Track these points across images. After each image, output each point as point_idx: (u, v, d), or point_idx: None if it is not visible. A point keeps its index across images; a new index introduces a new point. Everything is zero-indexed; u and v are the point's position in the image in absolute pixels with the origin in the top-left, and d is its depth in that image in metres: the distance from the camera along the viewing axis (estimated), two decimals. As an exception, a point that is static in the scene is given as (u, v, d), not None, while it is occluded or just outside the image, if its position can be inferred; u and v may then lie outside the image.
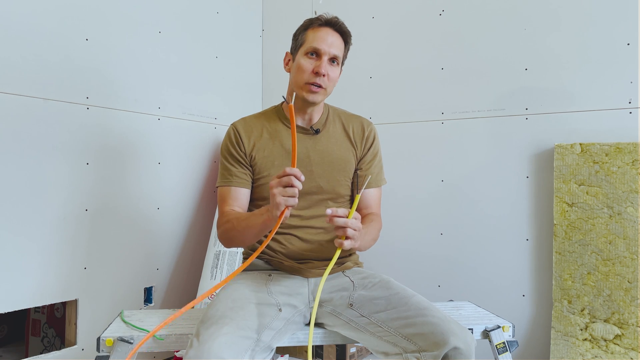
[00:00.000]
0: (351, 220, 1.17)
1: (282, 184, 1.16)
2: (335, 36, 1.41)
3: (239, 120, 1.52)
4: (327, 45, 1.38)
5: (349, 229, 1.17)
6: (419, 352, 1.17)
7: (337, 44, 1.40)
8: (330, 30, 1.41)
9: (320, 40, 1.39)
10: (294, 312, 1.34)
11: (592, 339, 1.90)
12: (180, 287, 2.36)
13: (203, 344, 1.10)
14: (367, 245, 1.38)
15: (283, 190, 1.15)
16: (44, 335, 2.15)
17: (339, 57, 1.41)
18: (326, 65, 1.38)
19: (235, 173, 1.44)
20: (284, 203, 1.15)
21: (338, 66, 1.43)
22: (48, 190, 1.80)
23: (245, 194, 1.45)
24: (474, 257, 2.22)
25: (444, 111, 2.30)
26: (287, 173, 1.15)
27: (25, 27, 1.73)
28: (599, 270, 1.91)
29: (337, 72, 1.43)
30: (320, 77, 1.37)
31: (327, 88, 1.41)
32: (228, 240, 1.39)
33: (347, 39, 1.45)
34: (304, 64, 1.39)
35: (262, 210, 1.27)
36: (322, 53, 1.38)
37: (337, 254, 1.19)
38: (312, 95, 1.39)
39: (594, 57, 2.00)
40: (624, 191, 1.87)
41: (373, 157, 1.51)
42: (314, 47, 1.39)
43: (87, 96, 1.92)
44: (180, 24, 2.32)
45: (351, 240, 1.18)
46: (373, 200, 1.50)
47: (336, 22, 1.41)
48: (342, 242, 1.17)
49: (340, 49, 1.42)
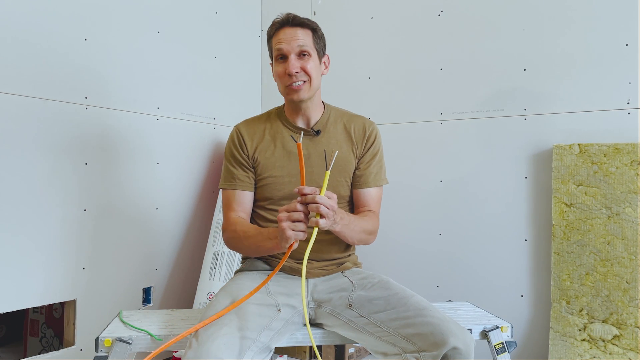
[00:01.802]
0: (320, 197, 1.16)
1: (292, 219, 1.17)
2: (294, 30, 1.39)
3: (242, 122, 1.53)
4: (287, 43, 1.38)
5: (322, 206, 1.15)
6: (418, 352, 1.17)
7: (300, 36, 1.39)
8: (287, 28, 1.40)
9: (281, 41, 1.39)
10: (293, 313, 1.34)
11: (591, 339, 1.91)
12: (178, 287, 2.36)
13: (202, 345, 1.10)
14: (357, 237, 1.37)
15: (292, 225, 1.17)
16: (43, 335, 2.15)
17: (306, 47, 1.39)
18: (295, 61, 1.38)
19: (238, 176, 1.46)
20: (294, 237, 1.17)
21: (310, 57, 1.41)
22: (47, 190, 1.80)
23: (249, 197, 1.47)
24: (473, 258, 2.22)
25: (443, 111, 2.30)
26: (296, 209, 1.17)
27: (24, 27, 1.72)
28: (598, 270, 1.91)
29: (312, 63, 1.41)
30: (294, 75, 1.37)
31: (310, 81, 1.40)
32: (232, 247, 1.45)
33: (312, 26, 1.43)
34: (277, 70, 1.41)
35: (271, 234, 1.29)
36: (286, 52, 1.38)
37: (314, 233, 1.17)
38: (296, 94, 1.40)
39: (593, 58, 2.00)
40: (623, 192, 1.88)
41: (372, 157, 1.50)
42: (278, 49, 1.40)
43: (85, 96, 1.92)
44: (179, 24, 2.32)
45: (326, 219, 1.17)
46: (371, 199, 1.50)
47: (292, 18, 1.41)
48: (317, 220, 1.16)
49: (305, 40, 1.40)
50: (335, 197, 1.21)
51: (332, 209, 1.18)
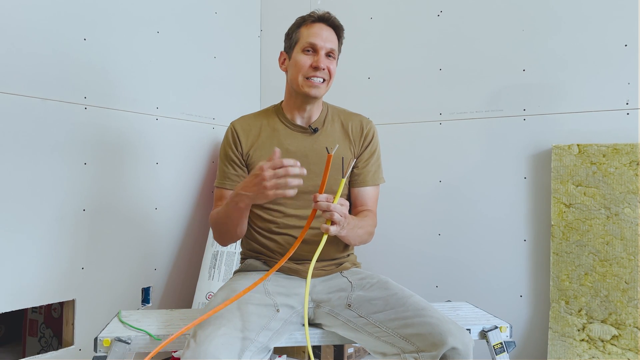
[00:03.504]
0: (335, 205, 1.16)
1: (278, 176, 1.14)
2: (329, 31, 1.43)
3: (238, 119, 1.54)
4: (322, 40, 1.40)
5: (335, 213, 1.16)
6: (417, 352, 1.17)
7: (331, 38, 1.43)
8: (323, 25, 1.43)
9: (315, 35, 1.41)
10: (291, 313, 1.34)
11: (590, 339, 1.91)
12: (177, 287, 2.35)
13: (200, 345, 1.10)
14: (358, 239, 1.38)
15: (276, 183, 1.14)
16: (41, 335, 2.15)
17: (334, 51, 1.44)
18: (324, 59, 1.41)
19: (230, 176, 1.47)
20: (273, 195, 1.15)
21: (334, 60, 1.46)
22: (46, 190, 1.80)
23: None
24: (472, 258, 2.22)
25: (442, 112, 2.30)
26: (283, 164, 1.13)
27: (24, 27, 1.72)
28: (596, 271, 1.91)
29: (335, 66, 1.46)
30: (320, 71, 1.40)
31: (328, 82, 1.44)
32: (217, 237, 1.43)
33: (340, 33, 1.47)
34: (301, 59, 1.41)
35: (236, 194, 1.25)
36: (318, 48, 1.40)
37: (324, 240, 1.18)
38: (314, 89, 1.40)
39: (592, 58, 2.00)
40: (622, 192, 1.88)
41: (370, 155, 1.51)
42: (310, 42, 1.40)
43: (85, 96, 1.92)
44: (178, 24, 2.32)
45: (337, 226, 1.18)
46: (369, 198, 1.51)
47: (329, 17, 1.44)
48: (328, 228, 1.17)
49: (335, 43, 1.45)
50: (347, 205, 1.22)
51: (344, 216, 1.19)
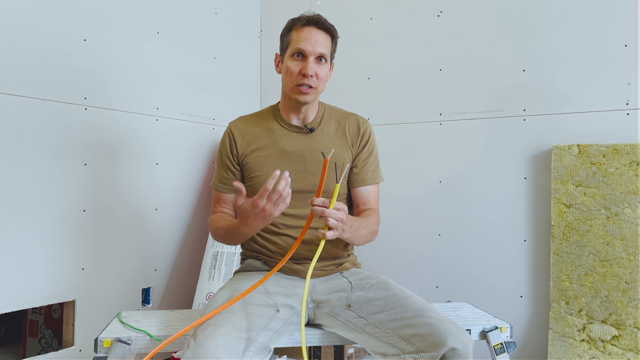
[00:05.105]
0: (329, 210, 1.17)
1: (273, 201, 1.18)
2: (320, 34, 1.40)
3: (235, 120, 1.55)
4: (311, 45, 1.38)
5: (330, 218, 1.16)
6: (416, 352, 1.17)
7: (322, 41, 1.40)
8: (313, 28, 1.40)
9: (304, 40, 1.38)
10: (291, 313, 1.34)
11: (590, 339, 1.91)
12: (178, 288, 2.35)
13: (200, 345, 1.10)
14: (362, 239, 1.38)
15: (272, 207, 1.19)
16: (42, 336, 2.15)
17: (325, 54, 1.40)
18: (313, 65, 1.38)
19: (224, 180, 1.50)
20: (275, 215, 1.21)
21: (326, 63, 1.42)
22: (46, 191, 1.80)
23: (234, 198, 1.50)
24: (472, 258, 2.22)
25: (442, 112, 2.30)
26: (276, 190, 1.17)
27: (23, 27, 1.72)
28: (597, 271, 1.91)
29: (325, 70, 1.42)
30: (308, 78, 1.37)
31: (318, 87, 1.41)
32: (218, 240, 1.48)
33: (333, 34, 1.44)
34: (291, 66, 1.39)
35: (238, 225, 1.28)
36: (307, 54, 1.38)
37: (322, 245, 1.18)
38: (303, 96, 1.40)
39: (592, 59, 2.00)
40: (622, 192, 1.88)
41: (368, 155, 1.51)
42: (298, 48, 1.38)
43: (85, 97, 1.92)
44: (178, 24, 2.32)
45: (334, 231, 1.18)
46: (371, 197, 1.51)
47: (318, 20, 1.40)
48: (324, 233, 1.17)
49: (326, 46, 1.41)
50: (345, 209, 1.22)
51: (341, 221, 1.19)
